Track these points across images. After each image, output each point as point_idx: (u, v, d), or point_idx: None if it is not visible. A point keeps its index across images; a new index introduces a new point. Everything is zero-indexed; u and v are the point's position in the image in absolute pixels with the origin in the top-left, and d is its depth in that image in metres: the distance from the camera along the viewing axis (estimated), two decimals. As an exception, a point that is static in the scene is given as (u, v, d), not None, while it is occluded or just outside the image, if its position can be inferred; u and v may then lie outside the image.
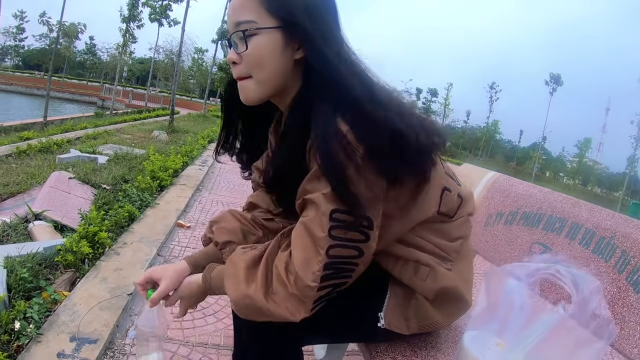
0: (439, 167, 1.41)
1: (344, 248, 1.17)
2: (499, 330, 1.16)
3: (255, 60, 1.30)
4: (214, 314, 2.95)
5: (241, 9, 1.29)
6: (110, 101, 35.03)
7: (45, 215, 4.01)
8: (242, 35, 1.28)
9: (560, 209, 1.82)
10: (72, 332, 2.39)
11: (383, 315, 1.43)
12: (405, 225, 1.35)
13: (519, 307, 1.12)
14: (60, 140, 8.91)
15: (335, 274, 1.19)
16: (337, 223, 1.15)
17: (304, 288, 1.16)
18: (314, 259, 1.16)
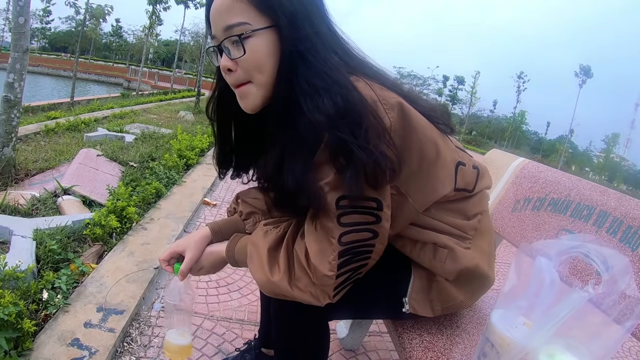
0: (448, 142, 1.40)
1: (356, 232, 1.17)
2: (527, 308, 1.16)
3: (255, 64, 1.23)
4: (239, 289, 2.99)
5: (229, 11, 1.21)
6: (136, 82, 35.19)
7: (74, 190, 4.07)
8: (237, 39, 1.21)
9: (589, 196, 1.80)
10: (99, 303, 2.44)
11: (407, 301, 1.43)
12: (419, 203, 1.31)
13: (548, 285, 1.12)
14: (88, 119, 9.04)
15: (353, 258, 1.20)
16: (345, 209, 1.14)
17: (322, 277, 1.17)
18: (328, 249, 1.16)
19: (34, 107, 13.73)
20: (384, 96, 1.16)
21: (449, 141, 1.41)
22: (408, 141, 1.20)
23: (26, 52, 4.32)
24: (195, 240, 1.58)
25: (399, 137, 1.17)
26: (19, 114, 4.39)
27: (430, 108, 1.33)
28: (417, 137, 1.22)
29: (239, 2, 1.20)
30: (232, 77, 1.28)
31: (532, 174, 2.19)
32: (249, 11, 1.19)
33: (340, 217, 1.14)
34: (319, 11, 1.25)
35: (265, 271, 1.25)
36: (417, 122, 1.22)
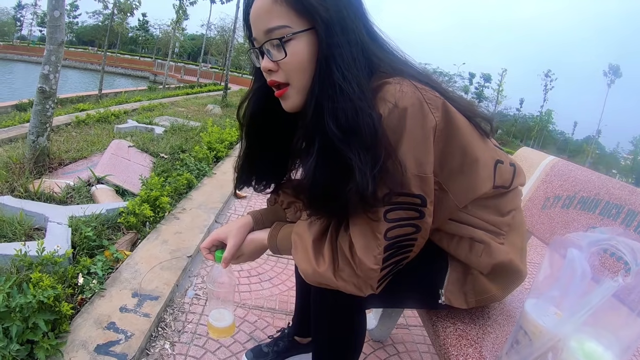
0: (487, 141, 1.42)
1: (401, 228, 1.20)
2: (559, 298, 1.18)
3: (296, 67, 1.25)
4: (270, 279, 3.03)
5: (269, 14, 1.22)
6: (163, 76, 35.42)
7: (107, 180, 4.15)
8: (278, 42, 1.22)
9: (618, 195, 1.81)
10: (134, 289, 2.50)
11: (443, 292, 1.46)
12: (459, 200, 1.34)
13: (579, 276, 1.14)
14: (117, 111, 9.17)
15: (396, 251, 1.23)
16: (391, 206, 1.17)
17: (367, 271, 1.20)
18: (373, 243, 1.19)
19: (63, 100, 13.87)
20: (429, 97, 1.19)
21: (488, 140, 1.43)
22: (451, 139, 1.24)
23: (61, 44, 4.40)
24: (237, 228, 1.61)
25: (443, 136, 1.21)
26: (54, 105, 4.48)
27: (469, 108, 1.35)
28: (460, 137, 1.25)
29: (278, 5, 1.21)
30: (273, 77, 1.30)
31: (563, 172, 2.20)
32: (288, 14, 1.21)
33: (387, 214, 1.17)
34: (356, 17, 1.25)
35: (311, 262, 1.28)
36: (460, 122, 1.26)
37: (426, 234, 1.26)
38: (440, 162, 1.24)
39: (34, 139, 4.34)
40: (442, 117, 1.20)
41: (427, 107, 1.17)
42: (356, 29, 1.23)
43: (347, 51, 1.19)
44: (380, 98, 1.17)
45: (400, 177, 1.15)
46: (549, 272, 1.26)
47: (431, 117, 1.17)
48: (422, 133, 1.16)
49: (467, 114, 1.32)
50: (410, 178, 1.15)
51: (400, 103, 1.14)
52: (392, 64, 1.27)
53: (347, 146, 1.14)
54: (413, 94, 1.16)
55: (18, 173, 3.97)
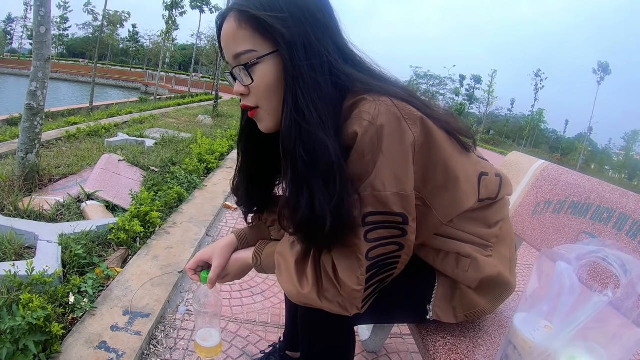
0: (470, 155, 1.41)
1: (383, 247, 1.19)
2: (549, 312, 1.18)
3: (264, 91, 1.25)
4: (262, 292, 3.02)
5: (235, 39, 1.23)
6: (154, 87, 35.40)
7: (97, 196, 4.13)
8: (244, 68, 1.23)
9: (609, 199, 1.80)
10: (125, 306, 2.49)
11: (431, 308, 1.45)
12: (443, 216, 1.33)
13: (568, 290, 1.14)
14: (108, 124, 9.14)
15: (380, 270, 1.22)
16: (372, 226, 1.16)
17: (351, 292, 1.19)
18: (355, 264, 1.18)
19: (54, 113, 13.88)
20: (407, 112, 1.17)
21: (473, 154, 1.42)
22: (432, 155, 1.22)
23: (48, 60, 4.38)
24: (221, 248, 1.60)
25: (423, 152, 1.19)
26: (42, 122, 4.46)
27: (450, 122, 1.33)
28: (440, 152, 1.23)
29: (243, 30, 1.21)
30: (246, 101, 1.30)
31: (553, 176, 2.19)
32: (253, 38, 1.21)
33: (367, 234, 1.16)
34: (324, 36, 1.23)
35: (294, 283, 1.27)
36: (439, 137, 1.24)
37: (410, 250, 1.25)
38: (422, 177, 1.22)
39: (23, 156, 4.31)
40: (420, 132, 1.18)
41: (404, 123, 1.15)
42: (323, 49, 1.21)
43: (311, 74, 1.17)
44: (356, 115, 1.15)
45: (378, 196, 1.14)
46: (537, 286, 1.26)
47: (409, 133, 1.15)
48: (400, 150, 1.14)
49: (448, 129, 1.30)
50: (390, 196, 1.14)
51: (377, 120, 1.12)
52: (366, 81, 1.24)
53: (309, 174, 1.14)
54: (390, 110, 1.14)
55: (8, 191, 3.94)
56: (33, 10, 4.34)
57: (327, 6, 1.28)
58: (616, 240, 1.69)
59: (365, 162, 1.13)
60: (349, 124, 1.16)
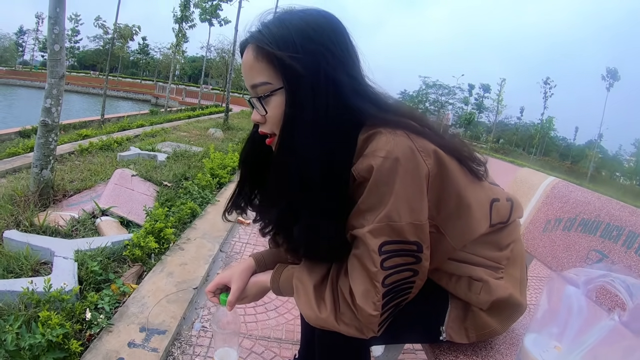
0: (483, 183, 1.45)
1: (398, 273, 1.23)
2: (558, 334, 1.20)
3: (277, 121, 1.30)
4: (276, 309, 3.04)
5: (252, 70, 1.29)
6: (164, 99, 35.49)
7: (111, 212, 4.17)
8: (257, 98, 1.30)
9: (618, 217, 1.81)
10: (142, 323, 2.52)
11: (444, 329, 1.48)
12: (457, 242, 1.36)
13: (576, 312, 1.16)
14: (120, 138, 9.20)
15: (395, 296, 1.25)
16: (388, 254, 1.20)
17: (368, 317, 1.23)
18: (372, 291, 1.22)
19: (66, 125, 13.92)
20: (420, 144, 1.22)
21: (485, 181, 1.46)
22: (445, 185, 1.27)
23: (62, 78, 4.43)
24: (240, 271, 1.64)
25: (436, 182, 1.24)
26: (57, 138, 4.51)
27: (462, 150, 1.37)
28: (453, 182, 1.28)
29: (259, 62, 1.27)
30: (262, 128, 1.38)
31: (563, 193, 2.20)
32: (268, 70, 1.26)
33: (384, 262, 1.20)
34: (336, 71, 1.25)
35: (313, 308, 1.31)
36: (452, 167, 1.28)
37: (424, 276, 1.28)
38: (436, 206, 1.26)
39: (38, 171, 4.36)
40: (434, 163, 1.22)
41: (419, 156, 1.19)
42: (334, 85, 1.24)
43: (311, 112, 1.23)
44: (372, 149, 1.20)
45: (394, 226, 1.18)
46: (547, 308, 1.28)
47: (423, 164, 1.20)
48: (415, 181, 1.19)
49: (459, 157, 1.34)
50: (405, 226, 1.18)
51: (393, 153, 1.16)
52: (381, 116, 1.28)
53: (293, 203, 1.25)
54: (404, 143, 1.19)
55: (23, 206, 3.99)
56: (47, 28, 4.38)
57: (345, 39, 1.32)
58: (625, 259, 1.69)
59: (381, 194, 1.18)
60: (365, 157, 1.20)
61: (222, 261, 3.83)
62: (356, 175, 1.22)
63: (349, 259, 1.28)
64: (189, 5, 31.39)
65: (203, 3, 31.18)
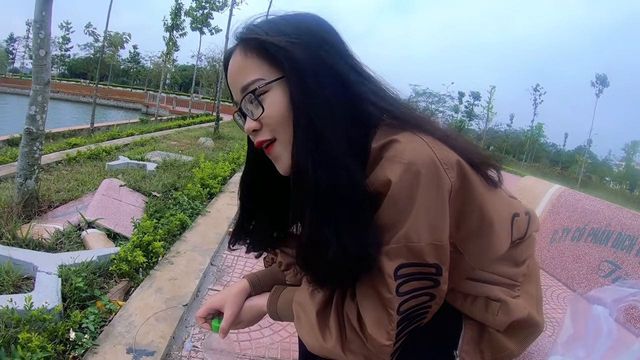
0: (503, 195, 1.34)
1: (415, 299, 1.11)
2: (585, 357, 1.11)
3: (277, 120, 1.16)
4: (270, 326, 2.94)
5: (242, 71, 1.18)
6: (155, 108, 35.60)
7: (98, 224, 4.06)
8: (253, 97, 1.16)
9: (630, 226, 1.74)
10: (129, 344, 2.40)
11: (458, 353, 1.36)
12: (476, 262, 1.24)
13: (605, 334, 1.08)
14: (109, 147, 9.13)
15: (410, 322, 1.14)
16: (404, 278, 1.08)
17: (380, 347, 1.11)
18: (385, 318, 1.10)
19: (55, 134, 13.88)
20: (442, 155, 1.09)
21: (504, 193, 1.35)
22: (468, 200, 1.14)
23: (47, 84, 4.35)
24: (234, 295, 1.52)
25: (459, 197, 1.11)
26: (42, 146, 4.42)
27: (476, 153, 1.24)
28: (476, 196, 1.15)
29: (249, 59, 1.16)
30: (259, 137, 1.22)
31: (570, 202, 2.13)
32: (261, 66, 1.15)
33: (399, 287, 1.08)
34: (338, 61, 1.17)
35: (316, 337, 1.19)
36: (475, 180, 1.16)
37: (441, 300, 1.17)
38: (456, 223, 1.13)
39: (22, 181, 4.27)
40: (457, 177, 1.09)
41: (441, 169, 1.06)
42: (338, 74, 1.15)
43: (324, 99, 1.11)
44: (389, 159, 1.07)
45: (412, 247, 1.06)
46: (571, 330, 1.19)
47: (446, 178, 1.07)
48: (437, 197, 1.06)
49: (475, 162, 1.20)
50: (425, 247, 1.06)
51: (412, 166, 1.03)
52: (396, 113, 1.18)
53: (334, 207, 1.08)
54: (426, 155, 1.06)
55: (6, 218, 3.88)
56: (32, 33, 4.30)
57: (334, 31, 1.24)
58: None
59: (398, 212, 1.06)
60: (381, 168, 1.08)
61: (214, 275, 3.73)
62: (371, 189, 1.09)
63: (358, 285, 1.16)
64: (180, 14, 31.59)
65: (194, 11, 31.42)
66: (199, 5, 31.35)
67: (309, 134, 1.10)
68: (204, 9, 31.31)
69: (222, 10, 30.50)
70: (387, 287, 1.07)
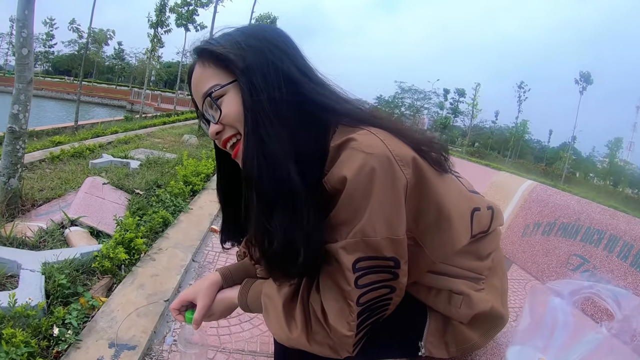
0: (463, 190, 1.39)
1: (374, 291, 1.16)
2: (543, 347, 1.16)
3: (235, 118, 1.22)
4: (250, 320, 2.98)
5: (202, 80, 1.25)
6: (140, 105, 35.33)
7: (81, 221, 4.07)
8: (212, 102, 1.23)
9: (599, 220, 1.79)
10: (111, 338, 2.43)
11: (423, 344, 1.42)
12: (436, 256, 1.29)
13: (562, 325, 1.13)
14: (93, 145, 9.07)
15: (371, 314, 1.19)
16: (362, 271, 1.13)
17: (342, 337, 1.16)
18: (346, 310, 1.15)
19: (39, 132, 13.77)
20: (398, 152, 1.13)
21: (463, 187, 1.40)
22: (424, 195, 1.19)
23: (30, 83, 4.35)
24: (206, 287, 1.57)
25: (415, 193, 1.16)
26: (24, 145, 4.42)
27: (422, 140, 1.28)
28: (433, 192, 1.20)
29: (207, 69, 1.24)
30: (223, 136, 1.29)
31: (541, 197, 2.18)
32: (217, 74, 1.23)
33: (358, 280, 1.13)
34: (283, 64, 1.22)
35: (282, 327, 1.24)
36: (431, 176, 1.21)
37: (401, 292, 1.22)
38: (414, 218, 1.19)
39: (5, 180, 4.27)
40: (412, 173, 1.15)
41: (397, 165, 1.11)
42: (285, 77, 1.20)
43: (271, 101, 1.17)
44: (345, 158, 1.12)
45: (369, 242, 1.11)
46: (529, 321, 1.24)
47: (401, 175, 1.12)
48: (392, 193, 1.11)
49: (421, 149, 1.25)
50: (381, 241, 1.11)
51: (367, 164, 1.08)
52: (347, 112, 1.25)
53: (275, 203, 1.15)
54: (381, 152, 1.11)
55: (-11, 217, 3.87)
56: (15, 31, 4.30)
57: (291, 42, 1.30)
58: (607, 263, 1.68)
59: (355, 207, 1.10)
60: (338, 166, 1.13)
61: (195, 271, 3.76)
62: (328, 186, 1.14)
63: (320, 274, 1.21)
64: (164, 10, 31.38)
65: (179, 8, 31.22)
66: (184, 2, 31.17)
67: (255, 131, 1.16)
68: (189, 6, 31.12)
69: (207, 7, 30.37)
70: (346, 279, 1.12)
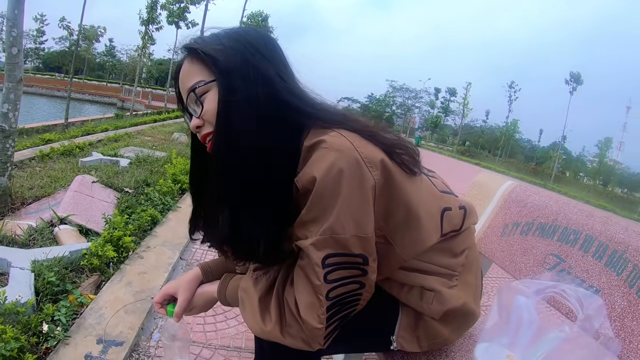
0: (433, 190, 1.44)
1: (343, 286, 1.20)
2: (510, 344, 1.21)
3: (214, 114, 1.25)
4: (235, 317, 3.01)
5: (188, 76, 1.29)
6: (130, 102, 35.17)
7: (70, 220, 4.09)
8: (195, 97, 1.27)
9: (575, 220, 1.82)
10: (99, 335, 2.47)
11: (395, 339, 1.47)
12: (406, 253, 1.35)
13: (527, 322, 1.17)
14: (82, 143, 9.03)
15: (341, 308, 1.24)
16: (331, 267, 1.18)
17: (312, 330, 1.21)
18: (316, 304, 1.20)
19: (29, 129, 13.67)
20: (366, 154, 1.18)
21: (434, 188, 1.45)
22: (393, 196, 1.24)
23: (20, 82, 4.35)
24: (187, 282, 1.62)
25: (384, 194, 1.21)
26: (14, 143, 4.43)
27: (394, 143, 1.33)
28: (401, 192, 1.25)
29: (194, 65, 1.28)
30: (202, 132, 1.32)
31: (520, 197, 2.21)
32: (202, 70, 1.27)
33: (327, 275, 1.17)
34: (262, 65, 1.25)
35: (257, 320, 1.28)
36: (400, 177, 1.26)
37: (371, 288, 1.27)
38: (384, 217, 1.24)
39: (-5, 179, 4.27)
40: (381, 174, 1.20)
41: (365, 167, 1.16)
42: (264, 79, 1.24)
43: (245, 100, 1.21)
44: (316, 159, 1.17)
45: (337, 239, 1.16)
46: (497, 319, 1.29)
47: (369, 176, 1.17)
48: (360, 194, 1.16)
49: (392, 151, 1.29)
50: (350, 239, 1.16)
51: (336, 164, 1.13)
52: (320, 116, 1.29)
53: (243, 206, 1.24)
54: (349, 154, 1.16)
55: (-21, 216, 3.89)
56: (5, 30, 4.31)
57: (274, 46, 1.33)
58: (583, 263, 1.71)
59: (324, 206, 1.15)
60: (309, 166, 1.18)
61: (183, 269, 3.79)
62: (299, 185, 1.19)
63: (294, 270, 1.26)
64: (156, 7, 31.21)
65: (170, 5, 31.06)
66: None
67: (225, 127, 1.22)
68: (180, 3, 30.99)
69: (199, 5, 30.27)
70: (316, 275, 1.17)
